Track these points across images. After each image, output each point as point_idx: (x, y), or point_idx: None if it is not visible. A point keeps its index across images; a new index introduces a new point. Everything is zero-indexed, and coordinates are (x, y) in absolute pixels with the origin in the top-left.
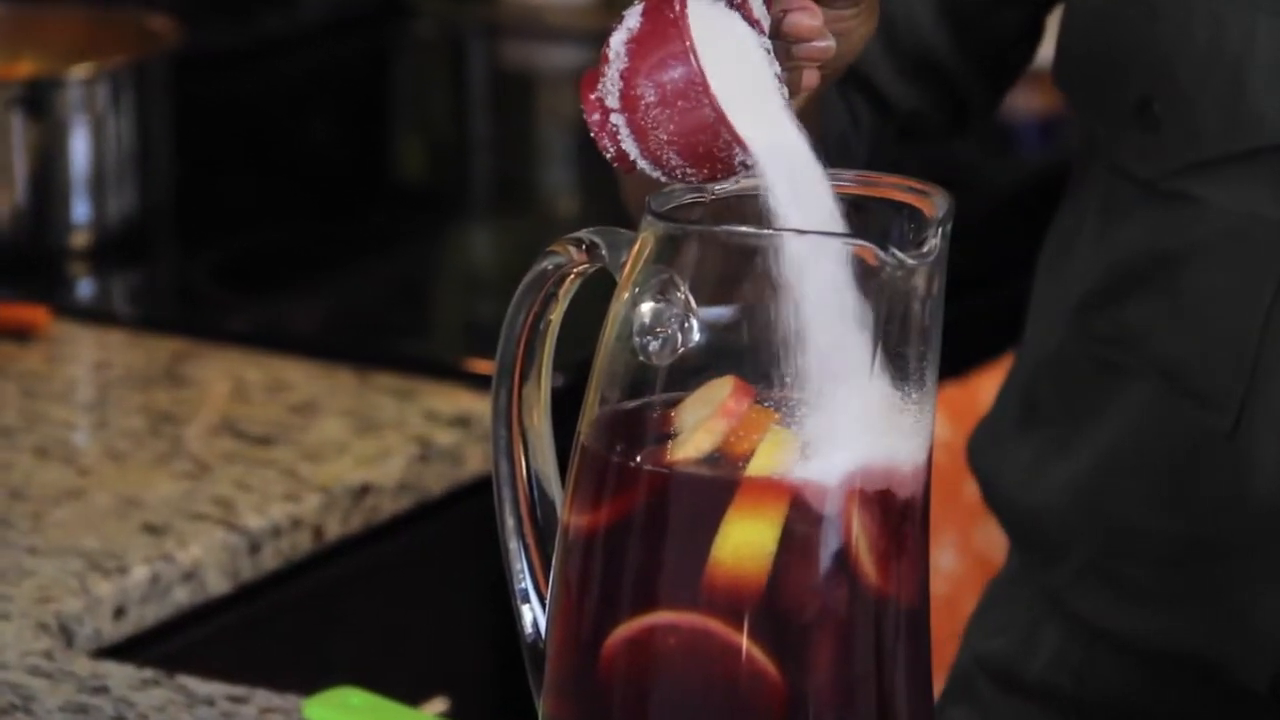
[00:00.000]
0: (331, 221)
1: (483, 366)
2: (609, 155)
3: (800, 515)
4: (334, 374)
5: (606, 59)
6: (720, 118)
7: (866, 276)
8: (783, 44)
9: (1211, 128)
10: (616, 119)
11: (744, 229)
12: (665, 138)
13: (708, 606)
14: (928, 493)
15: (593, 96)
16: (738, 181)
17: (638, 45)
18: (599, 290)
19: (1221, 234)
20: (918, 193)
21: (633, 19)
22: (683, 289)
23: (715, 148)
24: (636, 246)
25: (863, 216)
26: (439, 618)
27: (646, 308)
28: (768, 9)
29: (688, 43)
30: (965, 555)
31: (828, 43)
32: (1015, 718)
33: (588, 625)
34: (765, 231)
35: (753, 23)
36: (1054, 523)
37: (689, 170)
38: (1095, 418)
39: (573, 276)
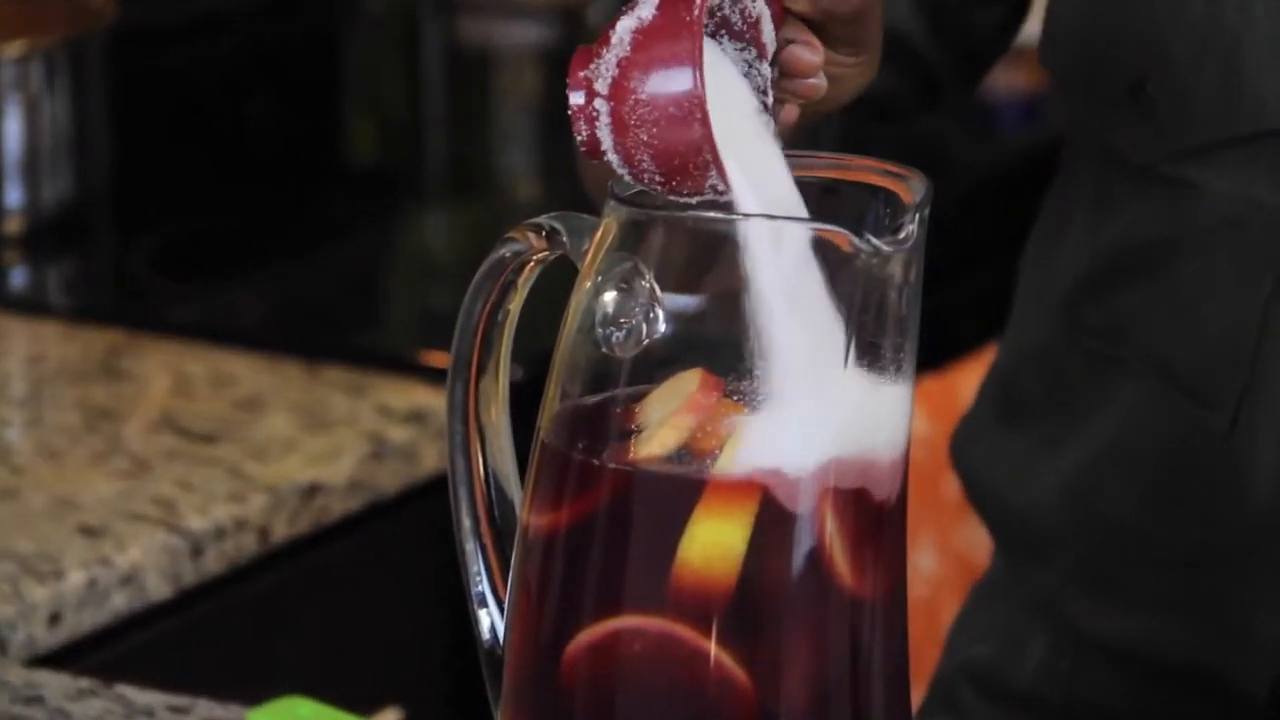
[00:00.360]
0: (279, 206)
1: (438, 359)
2: (580, 139)
3: (771, 514)
4: (281, 367)
5: (607, 41)
6: (707, 138)
7: (840, 264)
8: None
9: (1209, 111)
10: (600, 105)
11: (712, 214)
12: (645, 138)
13: (674, 610)
14: (905, 490)
15: (582, 74)
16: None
17: (644, 37)
18: (560, 279)
19: (1219, 222)
20: (894, 176)
21: (646, 8)
22: (647, 277)
23: (692, 165)
24: (599, 233)
25: (836, 201)
26: (391, 624)
27: (609, 297)
28: (775, 36)
29: (696, 48)
30: (945, 556)
31: (819, 82)
32: None
33: (548, 631)
34: (734, 217)
35: (760, 47)
36: (1042, 524)
37: (658, 177)
38: (1085, 414)
39: (532, 264)
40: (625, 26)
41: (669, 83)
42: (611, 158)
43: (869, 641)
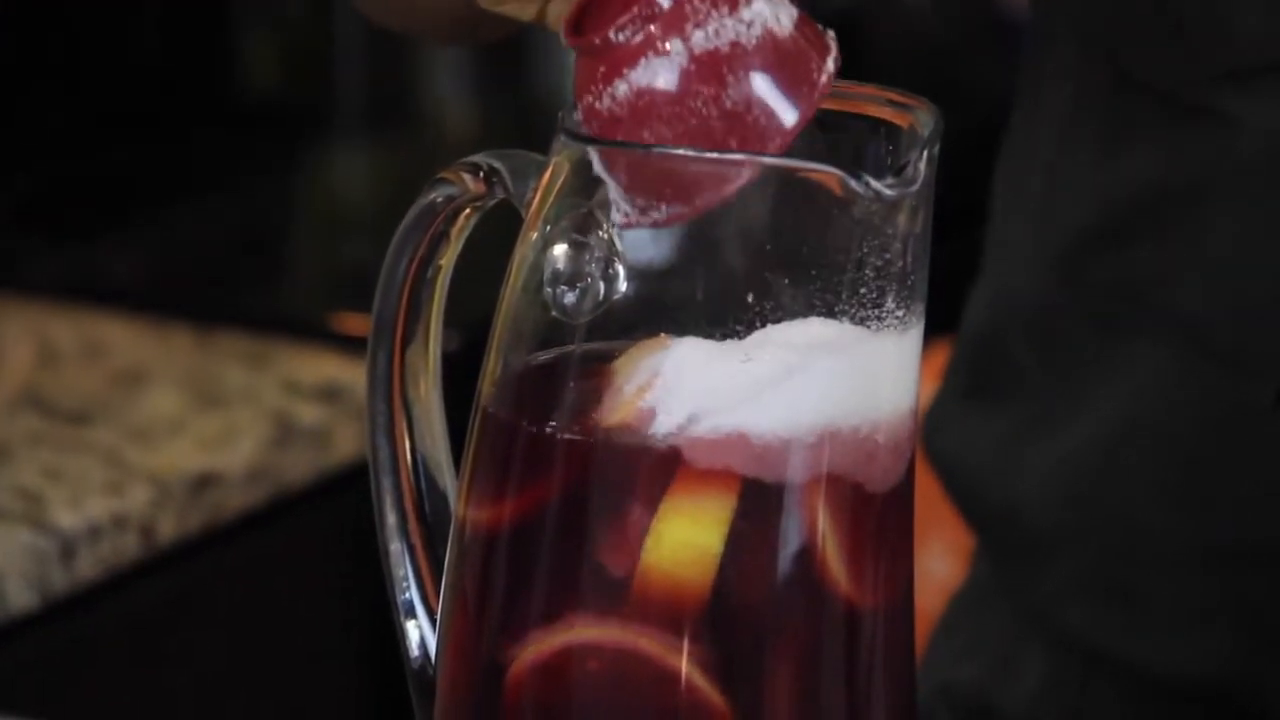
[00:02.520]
0: (161, 147)
1: (354, 325)
2: (587, 44)
3: (753, 503)
4: (166, 334)
5: (735, 5)
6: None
7: (835, 211)
8: None
9: (1251, 26)
10: (679, 45)
11: (682, 150)
12: (708, 112)
13: (638, 622)
14: (912, 477)
15: None
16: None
17: (775, 42)
18: (501, 229)
19: (1259, 159)
20: (898, 107)
21: (786, 17)
22: (606, 227)
23: (723, 178)
24: (548, 174)
25: (831, 137)
26: (302, 639)
27: (561, 251)
28: None
29: (811, 106)
30: (961, 560)
31: None
32: None
33: (489, 647)
34: (708, 154)
35: None
36: (1036, 520)
37: (674, 146)
38: (1088, 389)
39: (468, 212)
40: (761, 13)
41: (774, 99)
42: (618, 97)
43: (869, 660)
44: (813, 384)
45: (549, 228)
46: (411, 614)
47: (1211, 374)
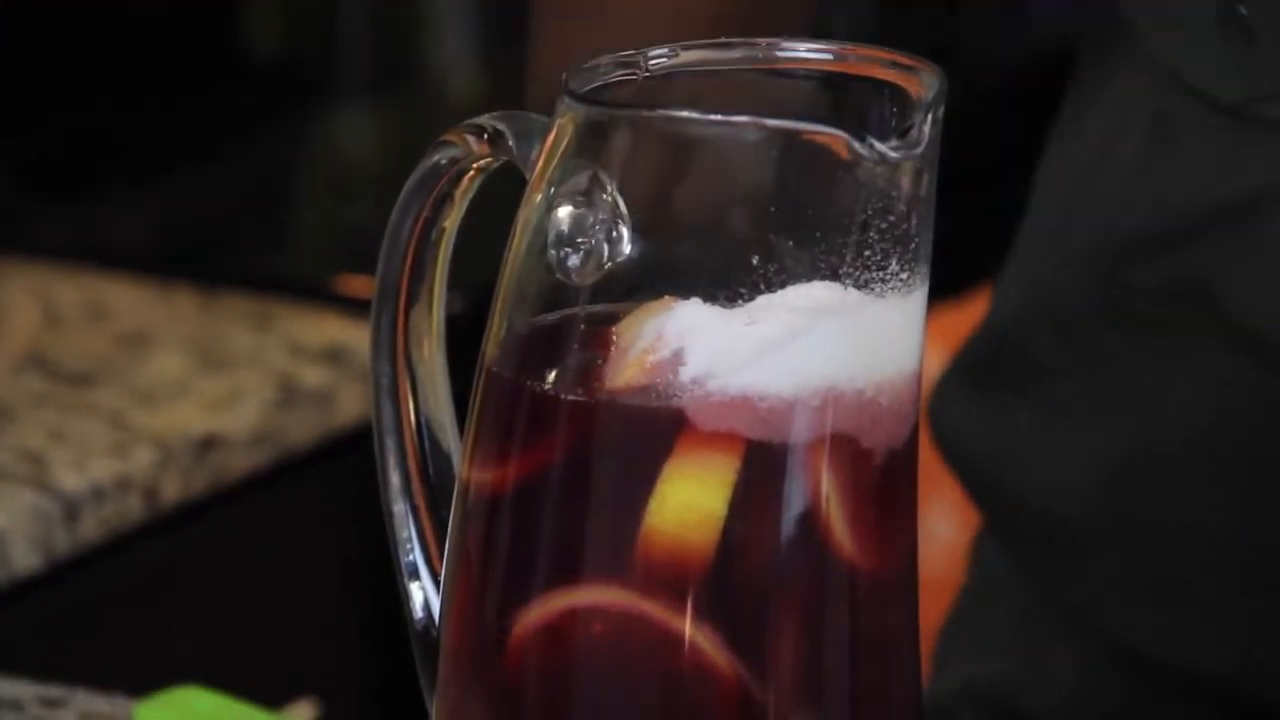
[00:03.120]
0: (165, 108)
1: (358, 287)
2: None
3: (757, 465)
4: (170, 296)
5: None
6: None
7: (839, 173)
8: None
9: None
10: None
11: (686, 114)
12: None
13: (641, 585)
14: (915, 440)
15: None
16: (676, 56)
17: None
18: (505, 191)
19: None
20: (903, 69)
21: None
22: (610, 190)
23: None
24: (552, 136)
25: (835, 98)
26: (305, 600)
27: (565, 213)
28: None
29: None
30: (966, 523)
31: None
32: None
33: (492, 609)
34: (712, 117)
35: None
36: (1070, 517)
37: None
38: (1132, 386)
39: (472, 174)
40: None
41: None
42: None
43: (873, 622)
44: (817, 346)
45: (553, 190)
46: (415, 576)
47: (1271, 383)
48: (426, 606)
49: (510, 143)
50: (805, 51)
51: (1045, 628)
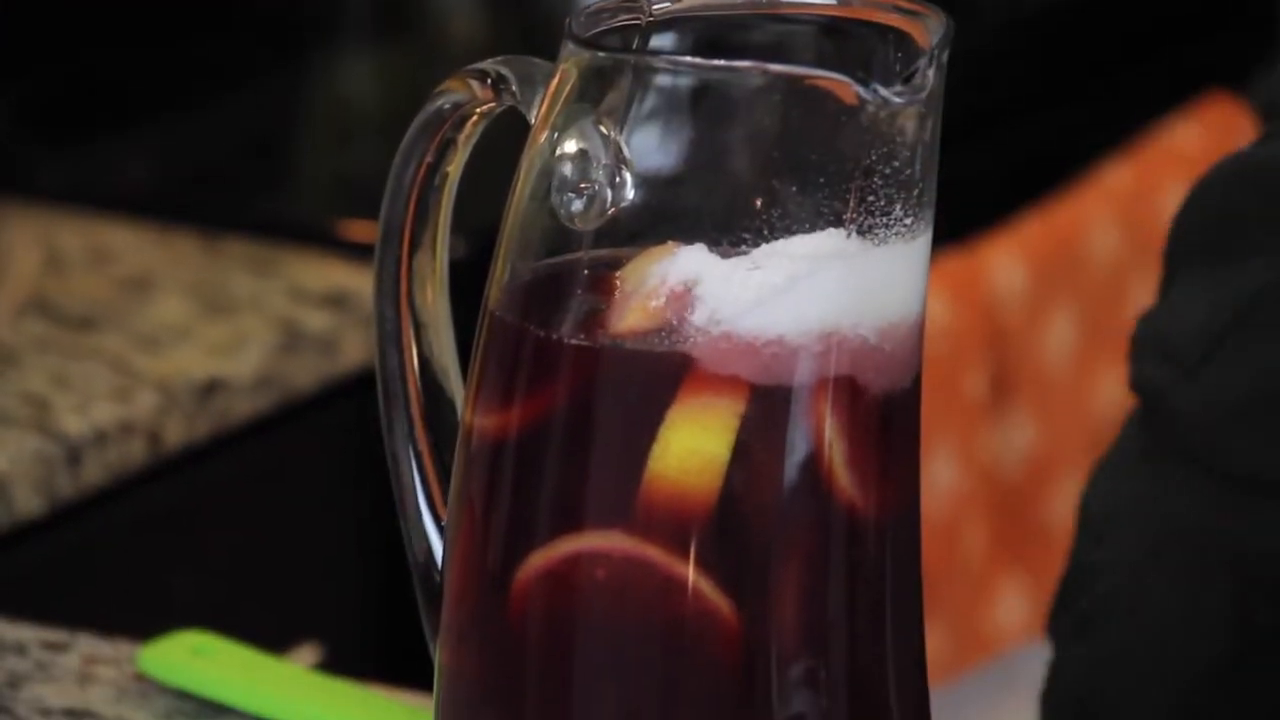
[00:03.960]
0: (167, 51)
1: (362, 231)
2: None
3: (760, 410)
4: (172, 240)
5: None
6: None
7: (843, 118)
8: None
9: None
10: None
11: (690, 59)
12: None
13: (644, 530)
14: (918, 385)
15: None
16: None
17: None
18: (509, 136)
19: None
20: (907, 13)
21: None
22: (613, 135)
23: None
24: (555, 81)
25: (839, 43)
26: (307, 545)
27: (568, 158)
28: None
29: None
30: (967, 467)
31: None
32: None
33: (495, 553)
34: (716, 63)
35: None
36: None
37: None
38: None
39: (475, 118)
40: None
41: None
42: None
43: (874, 568)
44: (820, 291)
45: (556, 134)
46: (418, 520)
47: None
48: (429, 551)
49: (513, 88)
50: None
51: None
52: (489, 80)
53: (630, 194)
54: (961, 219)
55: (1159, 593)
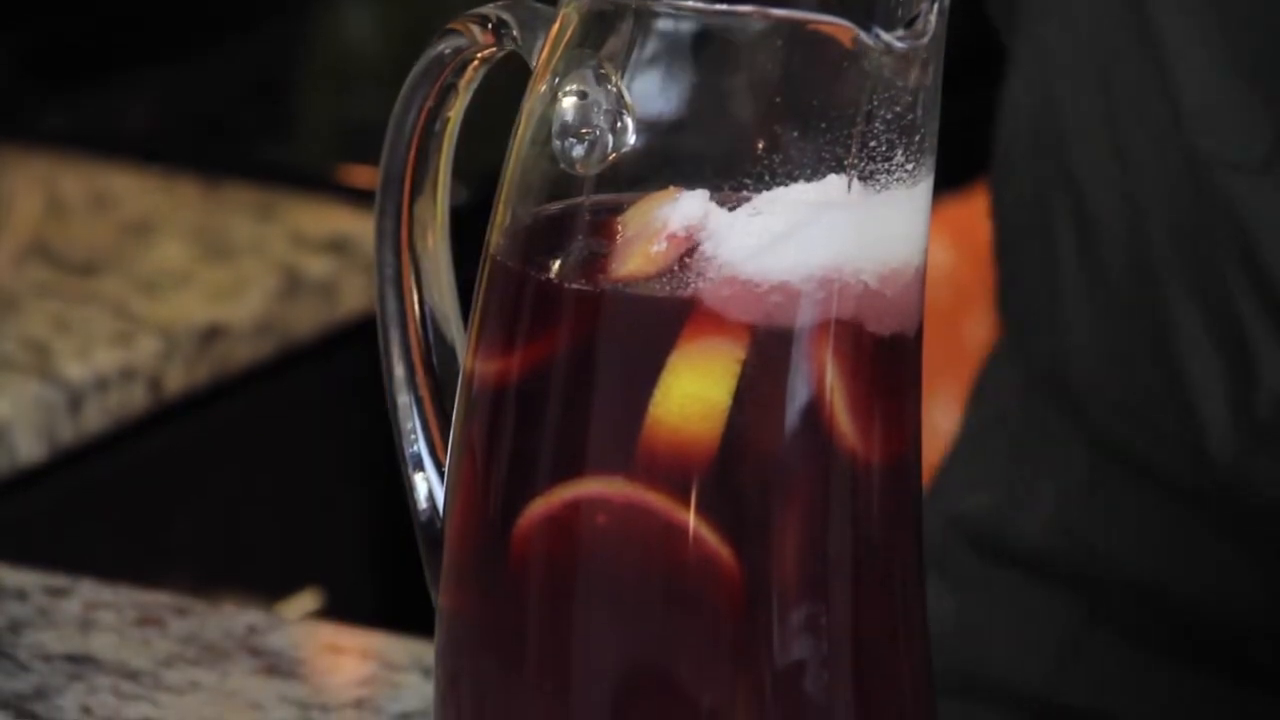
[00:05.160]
0: None
1: (362, 177)
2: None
3: (761, 355)
4: (174, 185)
5: None
6: None
7: (844, 63)
8: None
9: None
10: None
11: (691, 4)
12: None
13: (645, 476)
14: (920, 332)
15: None
16: None
17: None
18: (510, 81)
19: None
20: None
21: None
22: (614, 80)
23: None
24: (556, 26)
25: None
26: (308, 491)
27: (569, 103)
28: None
29: None
30: None
31: None
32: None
33: (497, 499)
34: (717, 7)
35: None
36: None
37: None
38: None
39: (476, 63)
40: None
41: None
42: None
43: (876, 512)
44: (821, 235)
45: (557, 80)
46: (419, 467)
47: None
48: (430, 498)
49: (515, 32)
50: None
51: (1034, 461)
52: (490, 25)
53: (631, 139)
54: (964, 165)
55: None
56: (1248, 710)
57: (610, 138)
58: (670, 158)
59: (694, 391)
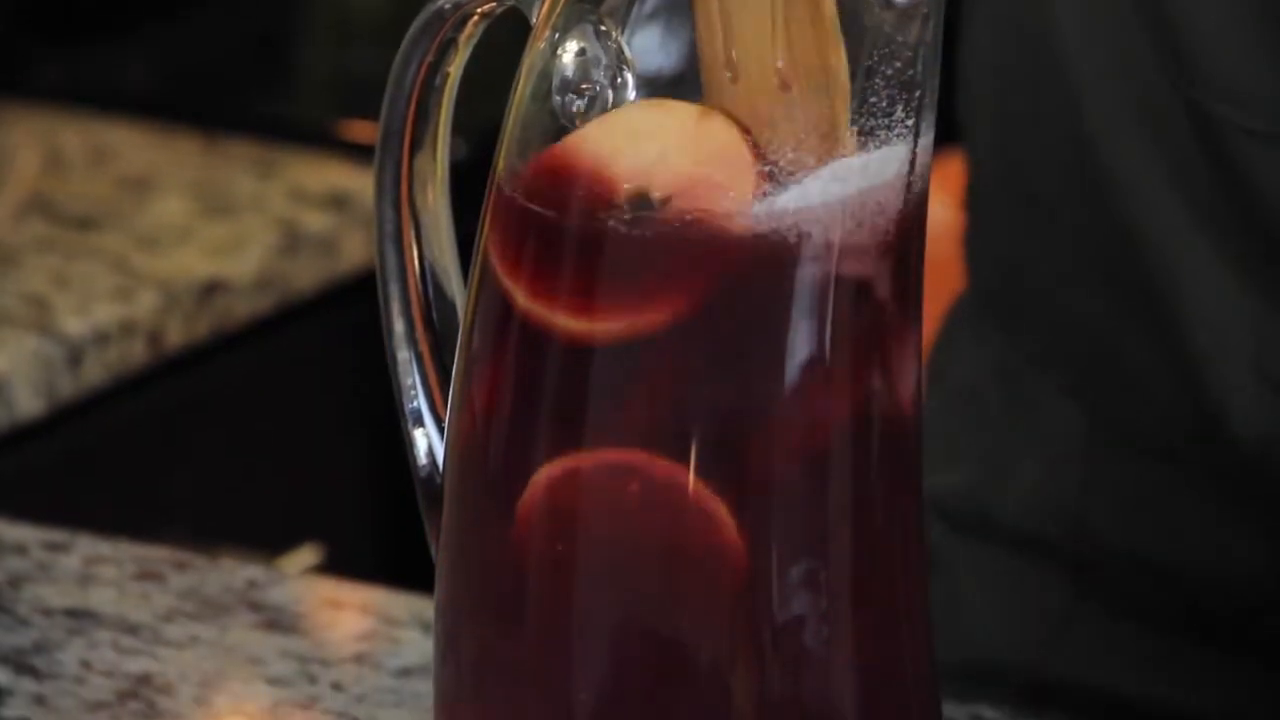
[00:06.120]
0: None
1: (362, 131)
2: None
3: (761, 302)
4: (173, 140)
5: None
6: None
7: (845, 19)
8: None
9: None
10: None
11: None
12: None
13: (645, 430)
14: (920, 285)
15: None
16: None
17: None
18: (510, 36)
19: None
20: None
21: None
22: (615, 35)
23: None
24: None
25: None
26: (308, 447)
27: (569, 59)
28: None
29: None
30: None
31: None
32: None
33: (497, 455)
34: None
35: None
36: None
37: None
38: None
39: (476, 18)
40: None
41: None
42: None
43: (875, 469)
44: (821, 191)
45: (557, 35)
46: (419, 422)
47: None
48: (430, 453)
49: None
50: None
51: (1010, 432)
52: None
53: (631, 95)
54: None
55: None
56: (1246, 681)
57: (610, 93)
58: None
59: None
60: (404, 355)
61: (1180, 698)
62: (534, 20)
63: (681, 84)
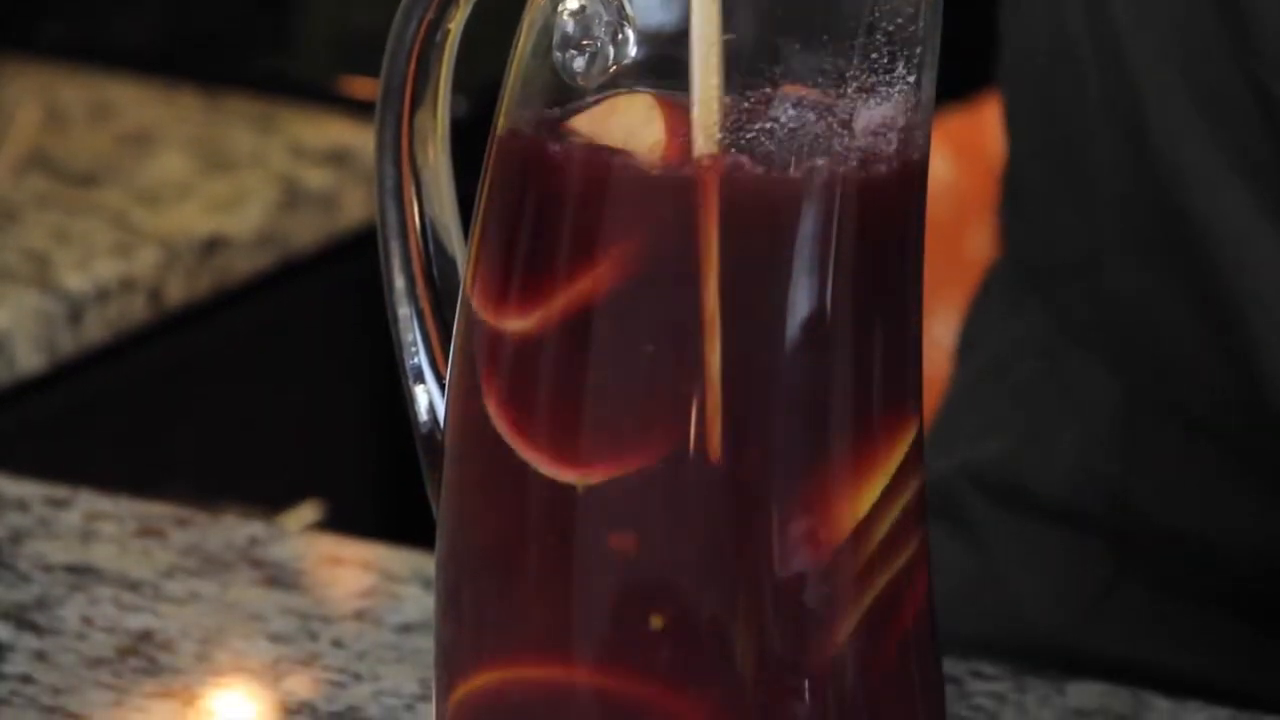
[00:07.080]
0: None
1: (363, 88)
2: None
3: (765, 244)
4: (174, 96)
5: None
6: None
7: None
8: None
9: None
10: None
11: None
12: None
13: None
14: (921, 243)
15: None
16: None
17: None
18: None
19: None
20: None
21: None
22: None
23: None
24: None
25: None
26: (308, 402)
27: (570, 15)
28: None
29: None
30: None
31: None
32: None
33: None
34: None
35: None
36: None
37: None
38: None
39: None
40: None
41: None
42: None
43: (876, 428)
44: (822, 147)
45: None
46: (420, 379)
47: None
48: (431, 409)
49: None
50: None
51: (1048, 404)
52: None
53: (633, 51)
54: (965, 78)
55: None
56: None
57: (611, 50)
58: (671, 70)
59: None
60: (404, 311)
61: (1220, 671)
62: None
63: (683, 41)
